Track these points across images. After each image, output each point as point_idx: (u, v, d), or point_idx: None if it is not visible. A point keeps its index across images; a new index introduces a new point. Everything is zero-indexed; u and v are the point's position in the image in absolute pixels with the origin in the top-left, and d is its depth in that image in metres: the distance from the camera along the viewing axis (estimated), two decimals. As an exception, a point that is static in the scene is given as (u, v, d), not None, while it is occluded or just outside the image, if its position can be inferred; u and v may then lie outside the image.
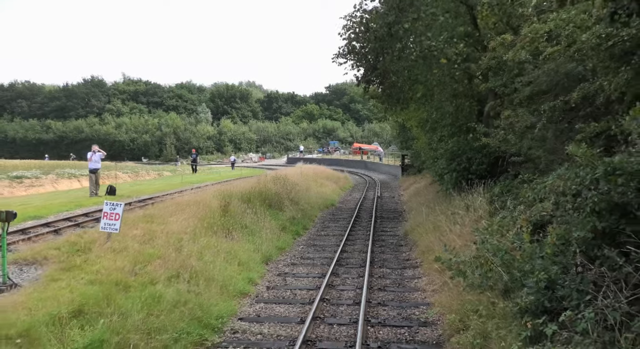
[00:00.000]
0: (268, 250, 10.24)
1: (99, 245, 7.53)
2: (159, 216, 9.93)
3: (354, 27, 15.11)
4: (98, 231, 8.15)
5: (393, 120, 27.90)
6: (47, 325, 4.78)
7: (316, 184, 23.04)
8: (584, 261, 4.31)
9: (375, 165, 45.53)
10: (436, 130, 15.72)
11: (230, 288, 7.38)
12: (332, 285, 8.17)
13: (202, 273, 7.24)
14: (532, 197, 6.77)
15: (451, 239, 8.23)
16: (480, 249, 6.18)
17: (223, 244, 9.18)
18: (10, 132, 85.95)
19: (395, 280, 8.54)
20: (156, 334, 5.27)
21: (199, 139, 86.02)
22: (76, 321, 5.04)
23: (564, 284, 4.24)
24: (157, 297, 5.93)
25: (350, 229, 13.56)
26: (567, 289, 4.18)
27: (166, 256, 7.36)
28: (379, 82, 15.54)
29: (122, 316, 5.29)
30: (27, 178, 21.59)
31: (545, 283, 4.39)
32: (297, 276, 8.84)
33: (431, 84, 13.48)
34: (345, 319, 6.52)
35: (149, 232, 8.46)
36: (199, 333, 5.68)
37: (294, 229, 13.18)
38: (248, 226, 11.10)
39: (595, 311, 3.52)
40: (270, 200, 14.35)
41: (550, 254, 4.68)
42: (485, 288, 5.47)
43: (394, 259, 10.17)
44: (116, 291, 5.85)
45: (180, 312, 5.87)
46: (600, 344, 3.41)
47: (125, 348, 4.90)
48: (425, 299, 7.32)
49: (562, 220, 4.98)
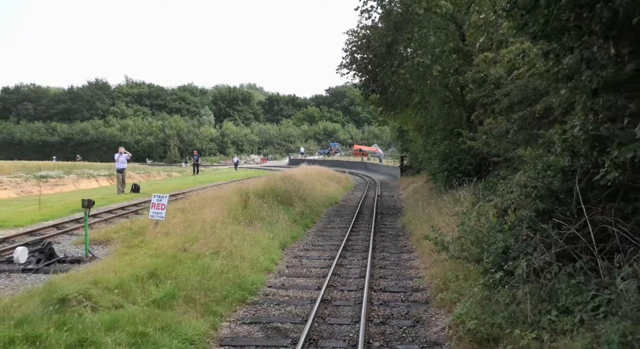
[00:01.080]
0: (283, 238, 11.87)
1: (150, 230, 9.15)
2: (190, 209, 11.56)
3: (355, 41, 16.84)
4: (140, 219, 9.80)
5: (392, 124, 29.53)
6: (133, 282, 6.40)
7: (320, 184, 24.64)
8: (529, 233, 5.93)
9: (376, 166, 47.15)
10: (430, 134, 17.37)
11: (258, 265, 9.00)
12: (341, 264, 9.79)
13: (235, 252, 8.87)
14: (504, 190, 8.39)
15: (440, 225, 9.83)
16: (461, 230, 7.83)
17: (246, 231, 10.80)
18: (17, 134, 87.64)
19: (394, 261, 10.17)
20: (210, 292, 6.89)
21: (202, 141, 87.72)
22: (152, 281, 6.66)
23: (514, 249, 5.87)
24: (206, 267, 7.56)
25: (354, 223, 15.18)
26: (516, 252, 5.80)
27: (205, 238, 8.99)
28: (378, 90, 17.25)
29: (183, 278, 6.91)
30: (52, 178, 23.24)
31: (502, 249, 6.02)
32: (311, 259, 10.47)
33: (425, 93, 15.13)
34: (353, 287, 8.15)
35: (186, 220, 10.09)
36: (240, 294, 7.31)
37: (304, 222, 14.81)
38: (265, 218, 12.73)
39: (527, 262, 5.14)
40: (282, 197, 15.96)
41: (507, 229, 6.31)
42: (462, 258, 7.10)
43: (393, 246, 11.80)
44: (174, 262, 7.47)
45: (224, 278, 7.50)
46: (529, 283, 5.04)
47: (189, 301, 6.51)
48: (418, 274, 8.95)
49: (517, 205, 6.60)
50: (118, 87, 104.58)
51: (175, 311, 6.07)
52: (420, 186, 22.83)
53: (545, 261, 5.11)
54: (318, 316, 6.54)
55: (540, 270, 5.11)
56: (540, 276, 5.08)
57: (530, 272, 5.17)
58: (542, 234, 5.60)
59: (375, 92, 16.91)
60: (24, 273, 7.25)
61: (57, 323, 4.84)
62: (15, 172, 23.49)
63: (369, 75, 17.40)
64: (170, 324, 5.62)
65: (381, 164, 47.15)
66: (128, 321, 5.36)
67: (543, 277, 5.10)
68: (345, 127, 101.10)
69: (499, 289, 5.53)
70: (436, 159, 15.43)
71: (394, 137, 41.80)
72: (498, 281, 5.58)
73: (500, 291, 5.54)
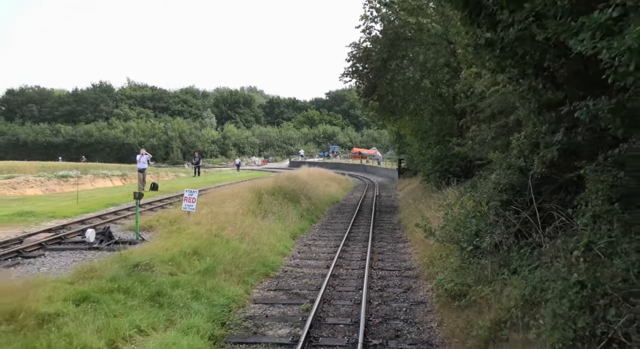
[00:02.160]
0: (293, 230, 13.51)
1: (184, 219, 10.79)
2: (212, 203, 13.19)
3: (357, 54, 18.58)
4: (172, 211, 11.41)
5: (390, 128, 31.19)
6: (181, 257, 8.04)
7: (322, 184, 26.26)
8: (495, 218, 7.58)
9: (374, 169, 48.81)
10: (425, 139, 19.06)
11: (275, 249, 10.64)
12: (345, 251, 11.43)
13: (256, 238, 10.51)
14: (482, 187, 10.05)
15: (430, 217, 11.49)
16: (445, 219, 9.47)
17: (262, 223, 12.44)
18: (22, 136, 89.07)
19: (390, 249, 11.82)
20: (240, 267, 8.52)
21: (204, 143, 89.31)
22: (195, 257, 8.30)
23: (483, 230, 7.51)
24: (235, 248, 9.20)
25: (355, 219, 16.82)
26: (485, 233, 7.45)
27: (231, 226, 10.63)
28: (377, 98, 18.97)
29: (219, 256, 8.54)
30: (72, 177, 24.82)
31: (475, 231, 7.66)
32: (319, 246, 12.11)
33: (419, 102, 16.82)
34: (356, 266, 9.79)
35: (212, 212, 11.73)
36: (264, 269, 8.96)
37: (310, 217, 16.45)
38: (276, 213, 14.36)
39: (490, 238, 6.79)
40: (289, 195, 17.59)
41: (479, 216, 7.96)
42: (445, 241, 8.73)
43: (390, 237, 13.45)
44: (209, 244, 9.10)
45: (250, 257, 9.13)
46: (491, 254, 6.69)
47: (226, 272, 8.14)
48: (410, 258, 10.60)
49: (489, 197, 8.26)
50: (121, 89, 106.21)
51: (217, 279, 7.71)
52: (416, 187, 24.48)
53: (503, 237, 6.77)
54: (329, 286, 8.19)
55: (500, 244, 6.76)
56: (499, 248, 6.73)
57: (492, 246, 6.83)
58: (504, 218, 7.26)
59: (374, 100, 18.60)
60: (92, 250, 8.87)
61: (137, 280, 6.49)
62: (37, 172, 25.11)
63: (369, 84, 19.15)
64: (215, 287, 7.27)
65: (379, 167, 48.79)
66: (185, 283, 7.01)
67: (501, 249, 6.75)
68: (345, 130, 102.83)
69: (470, 260, 7.19)
70: (429, 162, 17.11)
71: (392, 141, 43.46)
72: (469, 253, 7.23)
73: (470, 261, 7.20)
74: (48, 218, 12.15)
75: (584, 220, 4.39)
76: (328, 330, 6.25)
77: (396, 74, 15.02)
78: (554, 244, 5.81)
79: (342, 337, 5.99)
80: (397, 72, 15.07)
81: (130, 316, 5.60)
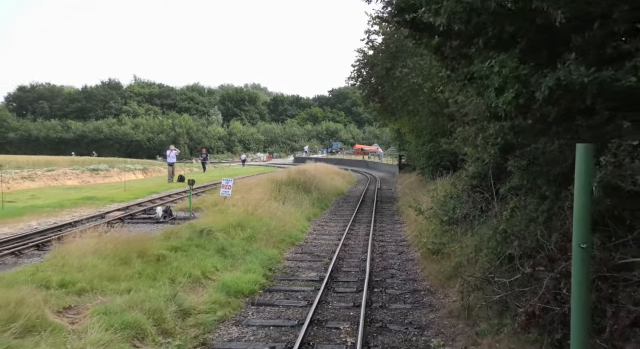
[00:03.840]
0: (308, 214, 16.08)
1: (222, 202, 13.37)
2: (241, 191, 15.73)
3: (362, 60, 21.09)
4: (208, 197, 13.94)
5: (391, 127, 33.69)
6: (229, 228, 10.61)
7: (328, 178, 28.79)
8: (467, 198, 10.14)
9: (376, 164, 51.32)
10: (420, 137, 21.57)
11: (296, 227, 13.22)
12: (352, 229, 14.00)
13: (281, 218, 13.09)
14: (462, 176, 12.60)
15: (421, 202, 14.04)
16: (432, 201, 12.03)
17: (283, 207, 15.01)
18: (34, 131, 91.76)
19: (389, 228, 14.40)
20: (273, 237, 11.10)
21: (211, 139, 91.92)
22: (238, 228, 10.86)
23: (458, 207, 10.06)
24: (267, 224, 11.77)
25: (359, 207, 19.38)
26: (460, 210, 10.00)
27: (260, 208, 13.19)
28: (379, 100, 21.50)
29: (256, 228, 11.11)
30: (102, 171, 27.42)
31: (452, 208, 10.21)
32: (330, 226, 14.69)
33: (417, 104, 19.31)
34: (362, 239, 12.37)
35: (243, 198, 14.29)
36: (290, 240, 11.55)
37: (320, 205, 19.03)
38: (293, 200, 16.93)
39: (461, 211, 9.34)
40: (302, 185, 20.15)
41: (455, 197, 10.51)
42: (431, 217, 11.28)
43: (389, 220, 16.02)
44: (247, 220, 11.66)
45: (279, 231, 11.71)
46: (460, 223, 9.25)
47: (263, 240, 10.71)
48: (405, 233, 13.17)
49: (464, 184, 10.81)
50: (129, 86, 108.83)
51: (258, 244, 10.30)
52: (414, 180, 27.01)
53: (470, 211, 9.32)
54: (341, 250, 10.76)
55: (467, 216, 9.31)
56: (467, 218, 9.28)
57: (462, 217, 9.39)
58: (473, 198, 9.81)
59: (375, 102, 21.12)
60: (159, 223, 11.45)
61: (206, 240, 9.08)
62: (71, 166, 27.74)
63: (372, 88, 21.70)
64: (259, 249, 9.86)
65: (381, 162, 51.26)
66: (237, 244, 9.60)
67: (468, 219, 9.31)
68: (347, 127, 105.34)
69: (446, 227, 9.75)
70: (424, 157, 19.65)
71: (393, 138, 45.89)
72: (445, 223, 9.80)
73: (446, 229, 9.77)
74: (109, 202, 14.74)
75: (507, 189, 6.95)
76: (343, 274, 8.83)
77: (401, 81, 17.49)
78: (501, 212, 8.37)
79: (353, 278, 8.57)
80: (402, 79, 17.56)
81: (208, 260, 8.19)
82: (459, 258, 7.93)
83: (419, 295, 7.60)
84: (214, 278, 7.67)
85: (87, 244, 7.50)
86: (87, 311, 5.47)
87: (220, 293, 6.93)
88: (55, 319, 5.13)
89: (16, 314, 4.92)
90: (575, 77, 4.28)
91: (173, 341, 5.36)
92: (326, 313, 6.70)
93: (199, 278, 7.35)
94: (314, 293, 7.50)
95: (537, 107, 4.88)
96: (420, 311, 6.82)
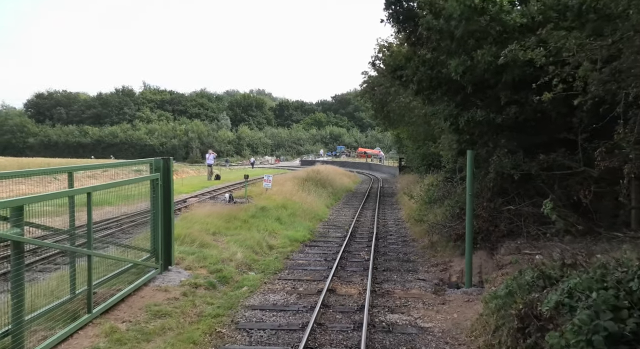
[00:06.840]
0: (327, 203, 20.69)
1: (265, 192, 17.97)
2: (276, 185, 20.34)
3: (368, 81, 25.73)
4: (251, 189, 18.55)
5: (392, 132, 38.32)
6: (277, 207, 15.20)
7: (337, 178, 33.36)
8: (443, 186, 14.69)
9: (378, 166, 55.88)
10: (416, 142, 26.21)
11: (320, 211, 17.80)
12: (362, 213, 18.59)
13: (310, 203, 17.68)
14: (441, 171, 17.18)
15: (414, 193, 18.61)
16: (420, 188, 16.59)
17: (309, 197, 19.60)
18: (54, 137, 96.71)
19: (389, 212, 18.99)
20: (307, 215, 15.70)
21: (221, 143, 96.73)
22: (283, 208, 15.45)
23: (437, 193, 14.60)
24: (301, 206, 16.37)
25: (365, 200, 23.95)
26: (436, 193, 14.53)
27: (294, 196, 17.79)
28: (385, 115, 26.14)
29: (295, 209, 15.70)
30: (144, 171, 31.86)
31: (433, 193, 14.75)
32: (345, 211, 19.29)
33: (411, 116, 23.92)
34: (369, 218, 16.96)
35: (279, 190, 18.89)
36: (319, 218, 16.17)
37: (334, 197, 23.64)
38: (314, 192, 21.53)
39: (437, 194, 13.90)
40: (319, 182, 24.77)
41: (435, 185, 15.05)
42: (424, 202, 15.79)
43: (389, 208, 20.62)
44: (287, 204, 16.24)
45: (310, 211, 16.32)
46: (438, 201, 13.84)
47: (300, 216, 15.30)
48: (401, 215, 17.76)
49: (442, 176, 15.34)
50: (142, 93, 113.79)
51: (298, 218, 14.88)
52: (412, 179, 31.58)
53: (443, 193, 13.88)
54: (355, 225, 15.34)
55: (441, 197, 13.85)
56: (440, 199, 13.83)
57: (437, 198, 13.94)
58: (445, 185, 14.36)
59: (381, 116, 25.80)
60: (228, 203, 16.04)
61: (266, 213, 13.70)
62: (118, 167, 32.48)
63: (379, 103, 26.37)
64: (300, 221, 14.45)
65: (383, 165, 55.77)
66: (286, 217, 14.20)
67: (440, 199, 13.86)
68: (350, 131, 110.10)
69: (426, 206, 14.32)
70: (419, 158, 24.25)
71: (394, 142, 50.45)
72: (426, 202, 14.39)
73: (426, 206, 14.35)
74: (177, 194, 19.34)
75: (459, 178, 11.55)
76: (359, 235, 13.42)
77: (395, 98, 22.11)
78: (458, 193, 12.94)
79: (365, 237, 13.15)
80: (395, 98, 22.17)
81: (272, 224, 12.78)
82: (431, 223, 12.48)
83: (406, 242, 12.24)
84: (279, 233, 12.27)
85: (200, 213, 12.11)
86: (224, 239, 10.10)
87: (286, 240, 11.55)
88: (212, 242, 9.75)
89: (193, 238, 9.54)
90: (477, 117, 8.92)
91: (272, 255, 9.99)
92: (351, 248, 11.30)
93: (271, 232, 11.97)
94: (342, 240, 12.12)
95: (464, 131, 9.53)
96: (406, 248, 11.47)
